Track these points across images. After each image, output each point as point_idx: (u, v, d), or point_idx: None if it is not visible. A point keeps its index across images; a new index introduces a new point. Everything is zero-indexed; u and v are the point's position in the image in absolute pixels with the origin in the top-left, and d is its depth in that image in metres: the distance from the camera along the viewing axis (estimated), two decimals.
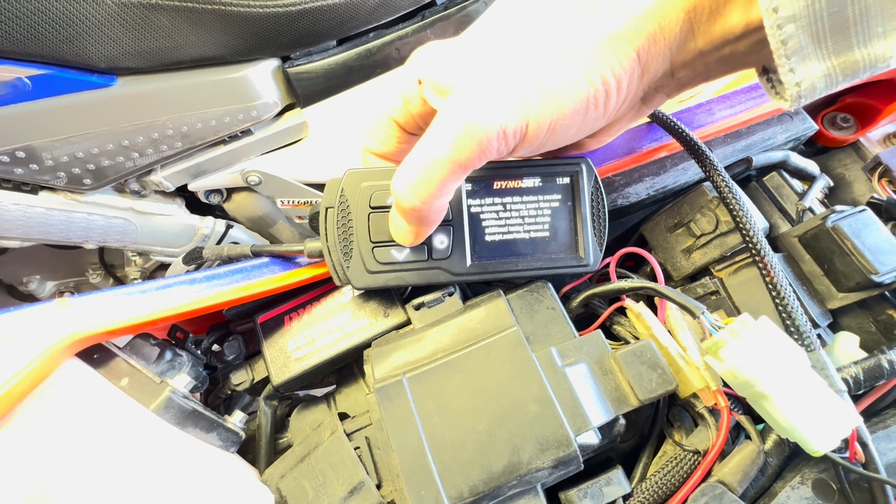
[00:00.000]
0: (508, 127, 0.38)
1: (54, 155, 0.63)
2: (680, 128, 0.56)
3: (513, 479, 0.41)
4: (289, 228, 0.85)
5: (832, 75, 0.34)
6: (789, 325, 0.47)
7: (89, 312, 0.44)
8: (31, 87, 0.57)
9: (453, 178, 0.39)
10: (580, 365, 0.47)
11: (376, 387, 0.46)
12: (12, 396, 0.38)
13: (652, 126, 0.63)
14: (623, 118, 0.47)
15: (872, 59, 0.33)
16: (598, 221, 0.52)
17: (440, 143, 0.38)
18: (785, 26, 0.33)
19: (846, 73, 0.34)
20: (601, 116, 0.41)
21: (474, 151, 0.38)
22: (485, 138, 0.37)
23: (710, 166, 0.53)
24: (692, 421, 0.52)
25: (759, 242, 0.50)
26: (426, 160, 0.38)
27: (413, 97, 0.45)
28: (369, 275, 0.49)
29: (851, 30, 0.32)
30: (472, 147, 0.37)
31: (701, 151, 0.54)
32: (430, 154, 0.38)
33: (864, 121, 0.74)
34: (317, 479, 0.46)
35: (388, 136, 0.49)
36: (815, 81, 0.35)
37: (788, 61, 0.34)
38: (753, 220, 0.51)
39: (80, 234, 0.72)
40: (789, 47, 0.33)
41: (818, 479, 0.45)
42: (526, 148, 0.41)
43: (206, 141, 0.68)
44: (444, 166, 0.38)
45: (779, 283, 0.48)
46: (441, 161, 0.38)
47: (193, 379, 0.48)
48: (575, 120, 0.40)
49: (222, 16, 0.58)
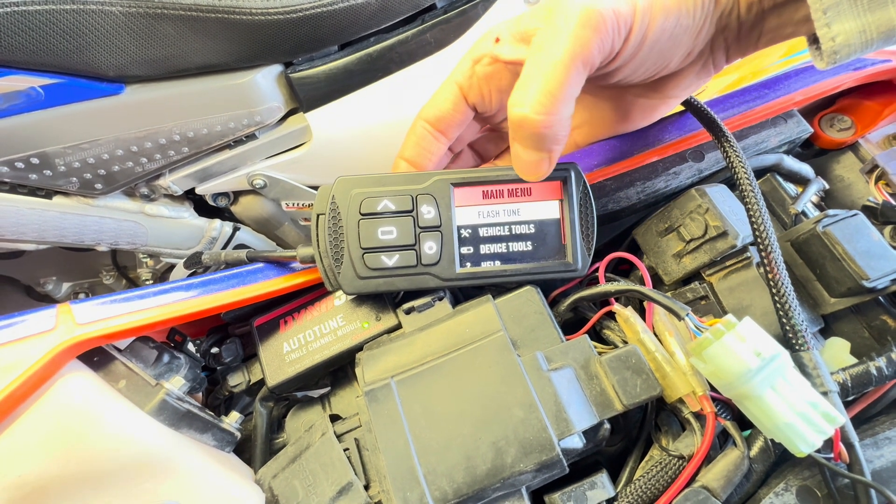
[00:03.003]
0: (620, 12, 0.38)
1: (66, 161, 0.65)
2: (709, 113, 0.56)
3: (496, 482, 0.42)
4: (294, 230, 0.86)
5: (867, 31, 0.35)
6: (785, 322, 0.47)
7: (89, 317, 0.45)
8: (44, 96, 0.59)
9: (577, 78, 0.38)
10: (566, 370, 0.47)
11: (365, 389, 0.47)
12: (14, 398, 0.40)
13: (643, 132, 0.63)
14: (693, 68, 0.48)
15: None
16: (587, 226, 0.52)
17: (556, 42, 0.38)
18: None
19: (881, 30, 0.35)
20: (690, 28, 0.42)
21: (595, 41, 0.37)
22: (602, 22, 0.37)
23: (735, 156, 0.53)
24: (680, 426, 0.52)
25: (769, 238, 0.49)
26: (544, 67, 0.38)
27: (484, 56, 0.46)
28: (360, 280, 0.50)
29: None
30: (590, 35, 0.37)
31: (727, 140, 0.54)
32: (547, 58, 0.38)
33: (862, 122, 0.73)
34: (307, 479, 0.47)
35: (446, 100, 0.49)
36: (850, 37, 0.35)
37: (825, 16, 0.35)
38: (766, 215, 0.50)
39: (92, 237, 0.74)
40: (825, 2, 0.35)
41: (802, 486, 0.45)
42: (630, 46, 0.41)
43: (212, 146, 0.69)
44: (568, 65, 0.37)
45: (780, 281, 0.47)
46: (561, 60, 0.37)
47: (190, 381, 0.50)
48: (667, 25, 0.40)
49: (226, 24, 0.59)
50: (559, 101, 0.38)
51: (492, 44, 0.45)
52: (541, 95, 0.38)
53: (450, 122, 0.50)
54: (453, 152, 0.56)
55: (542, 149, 0.42)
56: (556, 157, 0.44)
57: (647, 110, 0.53)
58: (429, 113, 0.50)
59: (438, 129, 0.51)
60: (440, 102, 0.50)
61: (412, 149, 0.51)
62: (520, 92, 0.39)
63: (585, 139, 0.56)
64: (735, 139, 0.54)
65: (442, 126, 0.51)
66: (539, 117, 0.38)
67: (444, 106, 0.50)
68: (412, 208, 0.50)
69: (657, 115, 0.55)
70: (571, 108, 0.40)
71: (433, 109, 0.50)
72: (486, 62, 0.46)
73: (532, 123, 0.39)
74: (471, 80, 0.48)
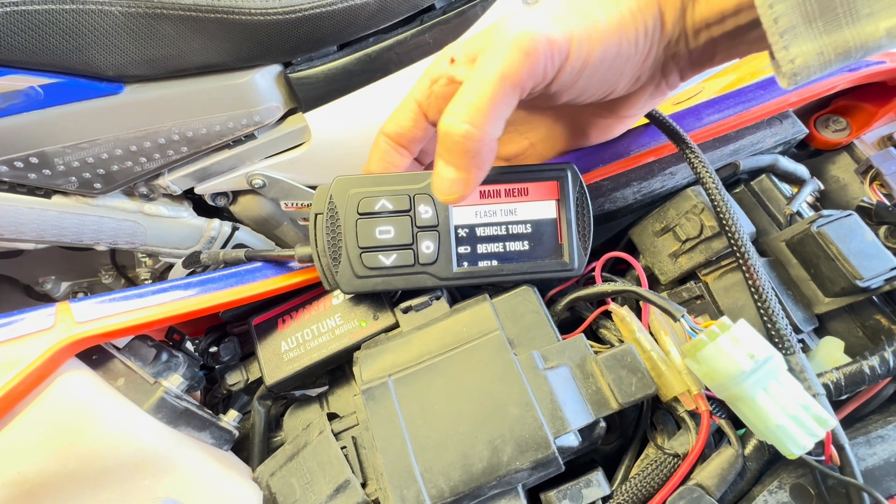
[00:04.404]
0: (554, 40, 0.39)
1: (66, 160, 0.65)
2: (672, 125, 0.56)
3: (492, 480, 0.42)
4: (293, 230, 0.87)
5: (825, 53, 0.36)
6: (770, 328, 0.48)
7: (88, 315, 0.46)
8: (44, 95, 0.60)
9: (506, 99, 0.39)
10: (562, 368, 0.47)
11: (363, 388, 0.47)
12: (13, 396, 0.40)
13: (639, 131, 0.63)
14: (645, 89, 0.49)
15: (862, 38, 0.34)
16: (583, 226, 0.53)
17: (489, 62, 0.38)
18: (776, 5, 0.35)
19: (838, 52, 0.36)
20: (630, 60, 0.43)
21: (525, 65, 0.38)
22: (533, 47, 0.38)
23: (701, 166, 0.54)
24: (675, 424, 0.52)
25: (743, 245, 0.50)
26: (475, 83, 0.39)
27: (441, 77, 0.46)
28: (357, 279, 0.50)
29: (839, 10, 0.34)
30: (520, 58, 0.38)
31: (692, 151, 0.55)
32: (479, 75, 0.39)
33: (857, 123, 0.73)
34: (304, 477, 0.47)
35: (405, 117, 0.50)
36: (809, 59, 0.36)
37: (781, 39, 0.36)
38: (739, 223, 0.51)
39: (91, 236, 0.74)
40: (781, 25, 0.35)
41: (796, 484, 0.46)
42: (566, 76, 0.42)
43: (211, 145, 0.69)
44: (496, 84, 0.38)
45: (761, 287, 0.48)
46: (491, 78, 0.38)
47: (188, 379, 0.50)
48: (609, 53, 0.41)
49: (225, 24, 0.60)
50: (486, 116, 0.39)
51: (448, 64, 0.46)
52: (469, 108, 0.39)
53: (411, 138, 0.51)
54: (423, 164, 0.56)
55: (462, 167, 0.41)
56: (475, 181, 0.43)
57: (604, 128, 0.55)
58: (390, 129, 0.51)
59: (400, 144, 0.51)
60: (400, 119, 0.50)
61: (377, 163, 0.52)
62: (451, 105, 0.40)
63: (548, 152, 0.57)
64: (700, 150, 0.55)
65: (403, 141, 0.51)
66: (465, 127, 0.39)
67: (404, 123, 0.50)
68: (409, 208, 0.51)
69: (615, 133, 0.57)
70: (499, 129, 0.40)
71: (393, 126, 0.51)
72: (444, 83, 0.47)
73: (458, 134, 0.39)
74: (429, 99, 0.48)
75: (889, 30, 0.34)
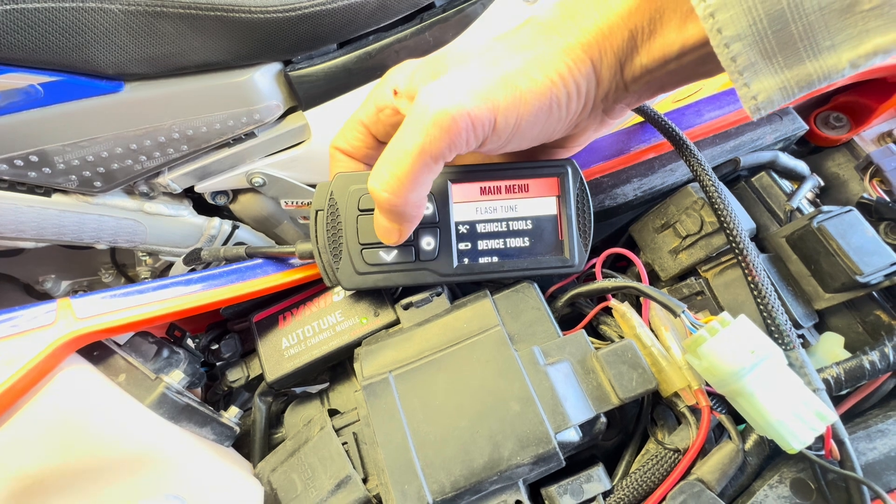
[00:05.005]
0: (476, 116, 0.39)
1: (66, 159, 0.65)
2: (668, 124, 0.56)
3: (493, 475, 0.42)
4: (293, 228, 0.87)
5: (787, 87, 0.35)
6: (770, 323, 0.48)
7: (89, 311, 0.46)
8: (43, 93, 0.60)
9: (425, 170, 0.40)
10: (562, 364, 0.48)
11: (364, 384, 0.47)
12: (14, 392, 0.40)
13: (640, 127, 0.63)
14: (588, 127, 0.49)
15: (825, 70, 0.34)
16: (584, 223, 0.53)
17: (410, 135, 0.39)
18: (732, 45, 0.34)
19: (801, 84, 0.35)
20: (564, 118, 0.43)
21: (444, 140, 0.39)
22: (453, 126, 0.38)
23: (697, 164, 0.54)
24: (675, 419, 0.52)
25: (742, 241, 0.50)
26: (397, 154, 0.40)
27: (386, 107, 0.47)
28: (358, 276, 0.50)
29: (799, 45, 0.33)
30: (440, 136, 0.38)
31: (688, 149, 0.55)
32: (401, 147, 0.39)
33: (857, 120, 0.73)
34: (306, 473, 0.48)
35: (356, 138, 0.51)
36: (771, 94, 0.36)
37: (741, 76, 0.35)
38: (737, 219, 0.51)
39: (91, 235, 0.74)
40: (739, 64, 0.35)
41: (796, 479, 0.46)
42: (494, 142, 0.42)
43: (211, 144, 0.69)
44: (415, 158, 0.39)
45: (760, 283, 0.48)
46: (411, 152, 0.39)
47: (189, 375, 0.50)
48: (539, 117, 0.41)
49: (225, 22, 0.60)
50: (406, 187, 0.40)
51: (391, 93, 0.46)
52: (391, 178, 0.40)
53: (363, 155, 0.52)
54: None
55: (392, 221, 0.44)
56: (408, 230, 0.46)
57: (561, 156, 0.54)
58: (341, 144, 0.52)
59: (355, 159, 0.52)
60: (349, 138, 0.51)
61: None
62: (377, 169, 0.41)
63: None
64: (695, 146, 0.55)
65: (357, 157, 0.52)
66: (387, 195, 0.41)
67: (353, 142, 0.51)
68: None
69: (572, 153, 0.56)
70: (422, 192, 0.42)
71: (343, 143, 0.52)
72: (389, 113, 0.47)
73: (382, 200, 0.42)
74: (377, 124, 0.49)
75: (852, 61, 0.33)
